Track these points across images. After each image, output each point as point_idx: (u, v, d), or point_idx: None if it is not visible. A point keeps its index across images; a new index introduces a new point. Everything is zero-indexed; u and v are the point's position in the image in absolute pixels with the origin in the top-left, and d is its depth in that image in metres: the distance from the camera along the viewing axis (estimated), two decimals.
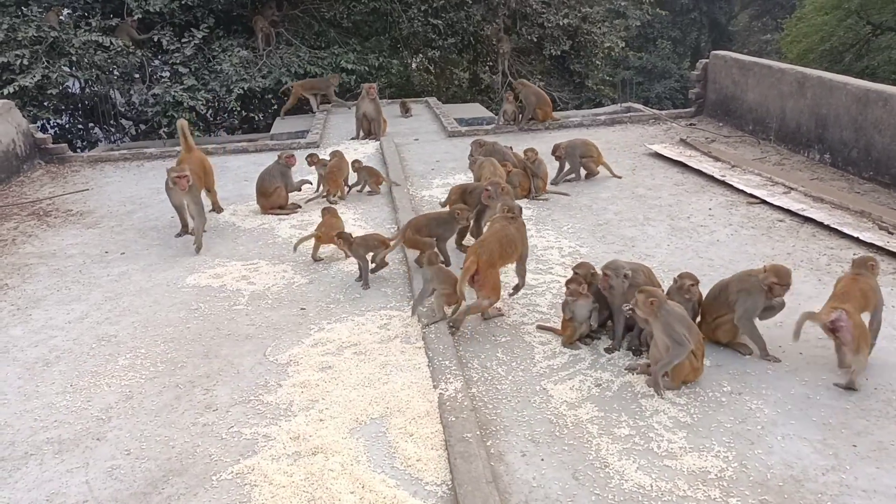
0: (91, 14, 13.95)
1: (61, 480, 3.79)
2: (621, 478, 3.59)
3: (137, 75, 14.46)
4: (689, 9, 34.66)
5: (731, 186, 8.00)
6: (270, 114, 15.76)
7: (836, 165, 8.55)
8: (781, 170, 8.64)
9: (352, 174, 8.52)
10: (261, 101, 15.45)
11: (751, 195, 7.68)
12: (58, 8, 13.66)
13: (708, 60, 11.55)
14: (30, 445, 4.10)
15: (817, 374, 4.40)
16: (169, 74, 14.20)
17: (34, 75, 12.14)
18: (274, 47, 14.95)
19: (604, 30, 17.48)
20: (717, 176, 8.32)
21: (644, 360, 4.57)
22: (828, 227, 6.65)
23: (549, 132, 10.95)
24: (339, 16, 15.93)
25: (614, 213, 7.46)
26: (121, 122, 15.90)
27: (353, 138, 11.46)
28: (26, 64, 12.30)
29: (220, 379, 4.68)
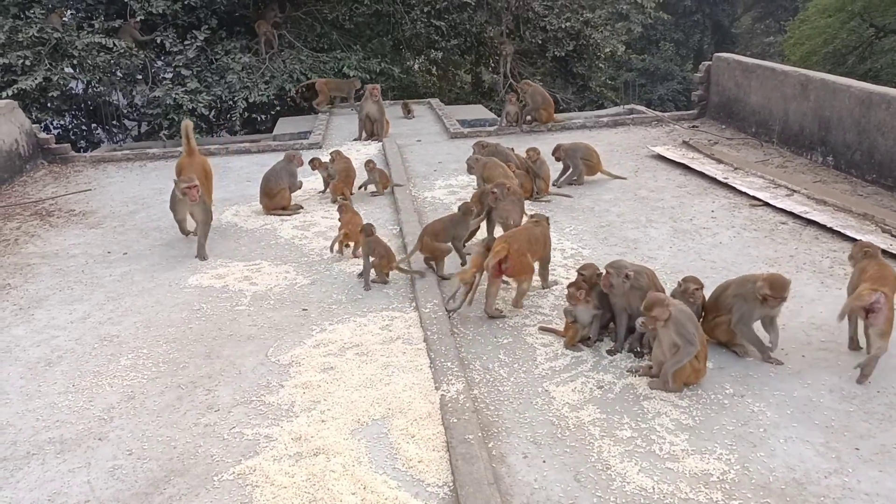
0: (94, 16, 13.96)
1: (63, 480, 3.80)
2: (623, 480, 3.58)
3: (140, 76, 14.48)
4: (692, 11, 34.63)
5: (733, 189, 8.00)
6: (272, 115, 15.77)
7: (840, 168, 8.54)
8: (784, 172, 8.63)
9: (362, 174, 8.53)
10: (264, 104, 15.45)
11: (753, 197, 7.67)
12: (61, 10, 13.67)
13: (711, 62, 11.54)
14: (32, 445, 4.11)
15: (820, 377, 4.39)
16: (171, 76, 14.22)
17: (35, 77, 12.15)
18: (277, 51, 14.96)
19: (606, 34, 17.49)
20: (719, 178, 8.32)
21: (646, 361, 4.57)
22: (831, 230, 6.64)
23: (551, 133, 10.94)
24: (342, 17, 15.92)
25: (617, 215, 7.46)
26: (124, 123, 15.91)
27: (355, 139, 11.46)
28: (28, 66, 12.31)
29: (221, 379, 4.69)
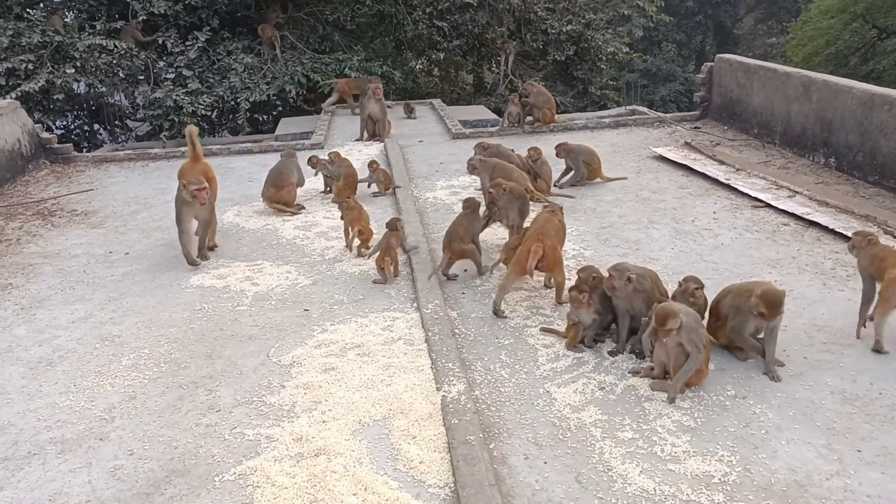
0: (96, 17, 13.97)
1: (64, 480, 3.80)
2: (624, 481, 3.58)
3: (142, 77, 14.48)
4: (694, 12, 34.60)
5: (735, 190, 7.99)
6: (274, 115, 15.77)
7: (842, 169, 8.53)
8: (786, 173, 8.62)
9: (363, 174, 8.54)
10: (265, 103, 15.46)
11: (755, 199, 7.66)
12: (62, 11, 13.68)
13: (713, 64, 11.53)
14: (33, 445, 4.11)
15: (822, 379, 4.38)
16: (173, 76, 14.22)
17: (38, 80, 12.16)
18: (280, 52, 14.95)
19: (607, 36, 17.48)
20: (721, 179, 8.31)
21: (647, 363, 4.56)
22: (832, 231, 6.64)
23: (553, 134, 10.93)
24: (344, 18, 15.92)
25: (618, 216, 7.45)
26: (126, 123, 15.92)
27: (357, 139, 11.45)
28: (31, 69, 12.32)
29: (223, 380, 4.69)
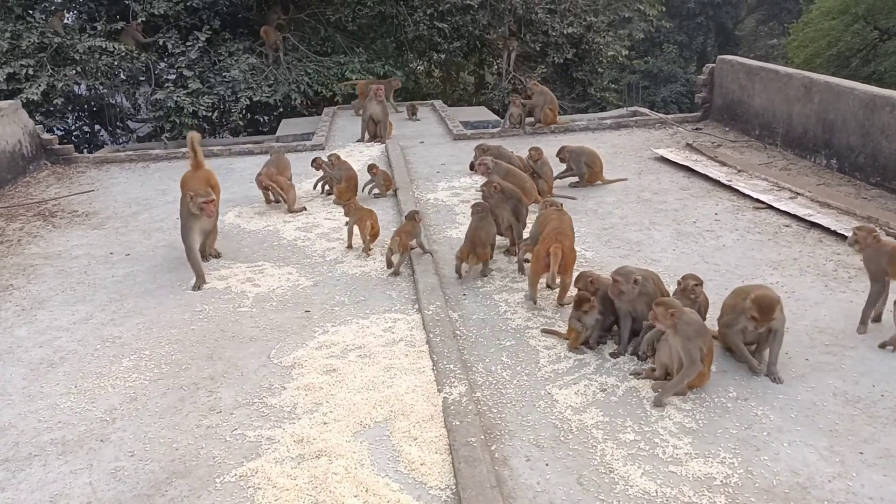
0: (96, 18, 13.96)
1: (65, 482, 3.79)
2: (626, 483, 3.57)
3: (143, 78, 14.48)
4: (695, 13, 34.60)
5: (737, 191, 7.98)
6: (276, 116, 15.78)
7: (843, 171, 8.52)
8: (788, 175, 8.61)
9: (364, 176, 8.53)
10: (267, 105, 15.49)
11: (757, 200, 7.65)
12: (61, 13, 13.66)
13: (714, 65, 11.53)
14: (34, 446, 4.10)
15: (824, 380, 4.37)
16: (174, 77, 14.22)
17: (39, 85, 12.14)
18: (282, 54, 14.95)
19: (608, 39, 17.47)
20: (723, 181, 8.30)
21: (649, 364, 4.55)
22: (834, 233, 6.62)
23: (554, 136, 10.93)
24: (345, 20, 15.93)
25: (620, 217, 7.44)
26: (127, 124, 15.92)
27: (358, 140, 11.44)
28: (31, 73, 12.31)
29: (224, 381, 4.68)
